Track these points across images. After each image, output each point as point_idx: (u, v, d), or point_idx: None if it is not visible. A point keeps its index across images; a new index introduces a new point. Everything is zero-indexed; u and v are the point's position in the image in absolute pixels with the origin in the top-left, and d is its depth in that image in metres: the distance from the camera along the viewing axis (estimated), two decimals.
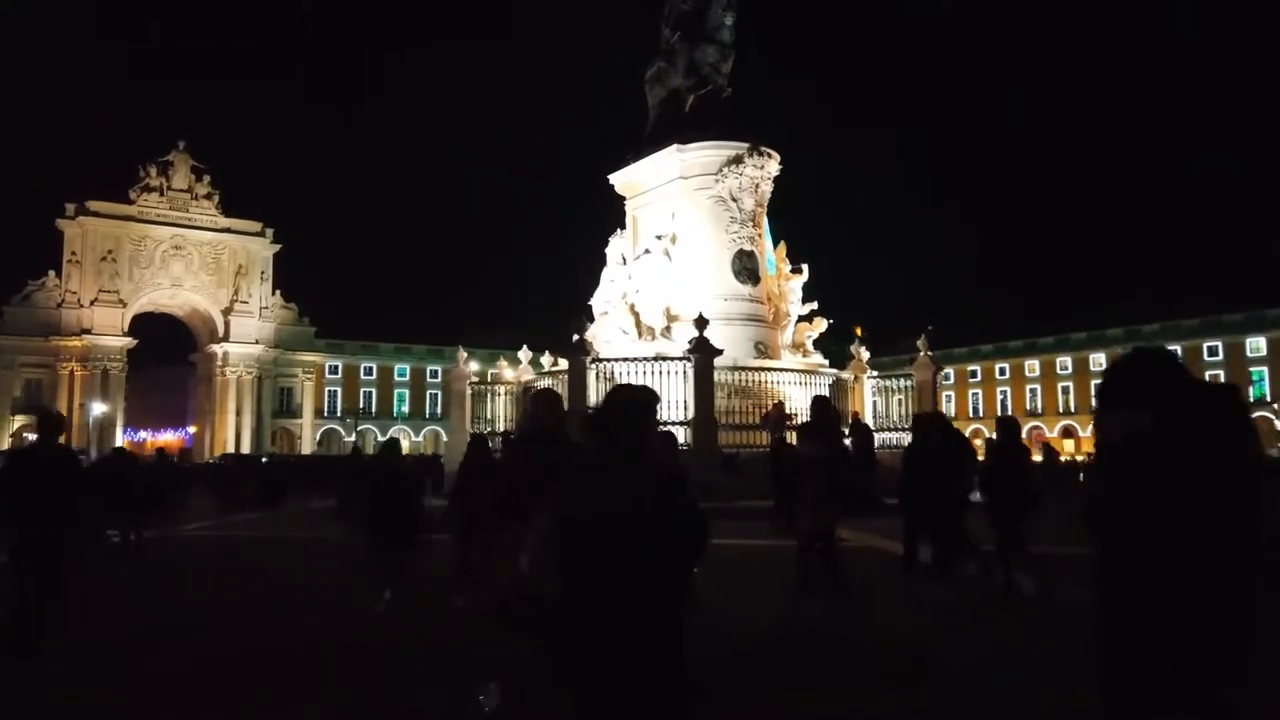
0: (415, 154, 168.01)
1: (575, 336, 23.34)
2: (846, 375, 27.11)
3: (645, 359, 23.82)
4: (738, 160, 26.19)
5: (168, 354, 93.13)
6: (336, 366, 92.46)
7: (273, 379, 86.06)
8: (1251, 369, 79.73)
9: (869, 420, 25.66)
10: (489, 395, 29.46)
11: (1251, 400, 79.09)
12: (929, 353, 26.01)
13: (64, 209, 77.52)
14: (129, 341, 78.65)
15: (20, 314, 75.92)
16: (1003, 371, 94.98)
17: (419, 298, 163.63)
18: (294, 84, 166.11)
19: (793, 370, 25.59)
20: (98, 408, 71.99)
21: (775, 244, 28.90)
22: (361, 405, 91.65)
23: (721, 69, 27.68)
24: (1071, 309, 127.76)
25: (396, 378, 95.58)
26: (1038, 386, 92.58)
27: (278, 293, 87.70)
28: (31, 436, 7.65)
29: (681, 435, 21.10)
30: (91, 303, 76.76)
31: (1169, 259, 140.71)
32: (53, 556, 7.45)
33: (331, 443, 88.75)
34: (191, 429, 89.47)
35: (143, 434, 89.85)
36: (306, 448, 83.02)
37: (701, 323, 22.53)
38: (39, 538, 7.27)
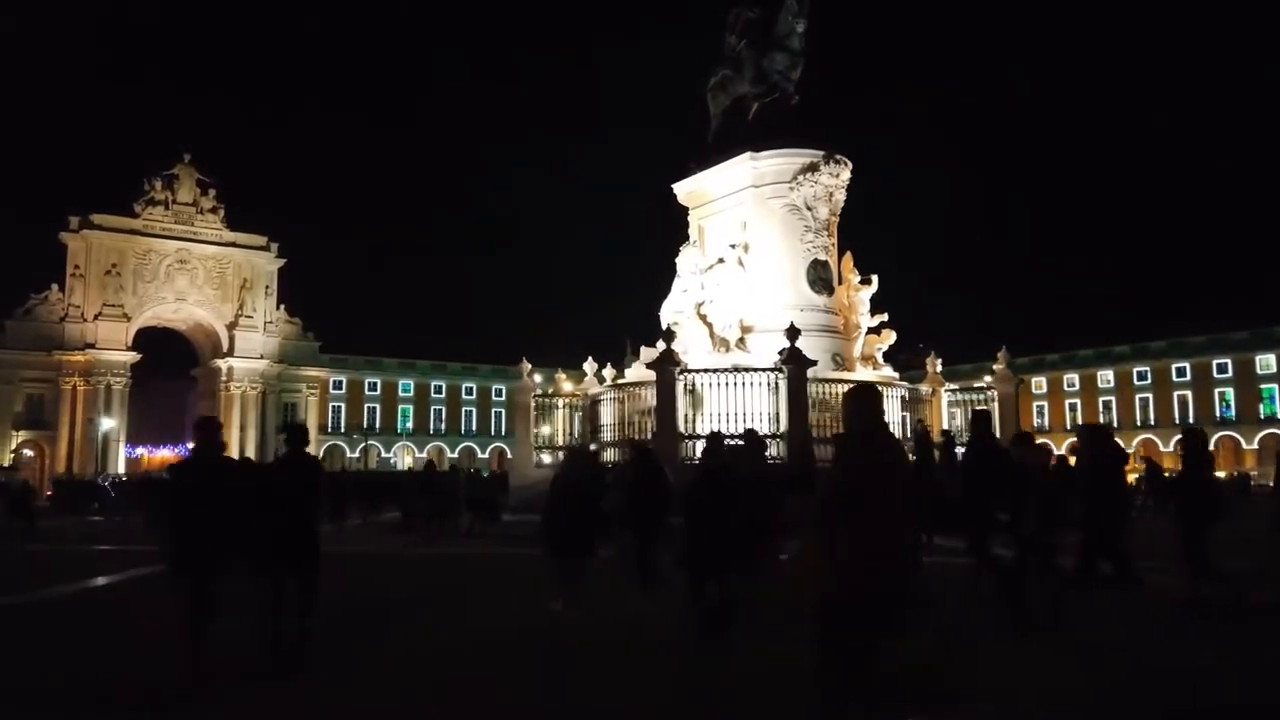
0: (419, 167, 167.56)
1: (662, 346, 22.72)
2: (924, 388, 26.54)
3: (725, 370, 23.25)
4: (812, 168, 25.70)
5: (168, 368, 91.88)
6: (340, 382, 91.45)
7: (276, 394, 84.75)
8: (1261, 386, 79.83)
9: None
10: (549, 409, 28.81)
11: (1262, 418, 79.28)
12: (1008, 364, 25.54)
13: (67, 222, 76.03)
14: (133, 356, 77.16)
15: (22, 328, 74.36)
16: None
17: (423, 313, 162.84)
18: (298, 96, 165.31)
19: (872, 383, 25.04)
20: (106, 423, 70.64)
21: (841, 254, 28.40)
22: (366, 421, 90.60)
23: (791, 76, 27.18)
24: (1077, 327, 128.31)
25: (400, 393, 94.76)
26: (1045, 404, 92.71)
27: (282, 307, 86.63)
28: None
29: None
30: (95, 317, 75.34)
31: (1176, 275, 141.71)
32: (313, 558, 7.47)
33: (335, 459, 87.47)
34: (192, 444, 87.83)
35: (141, 450, 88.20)
36: None
37: (793, 333, 21.97)
38: (304, 540, 7.34)
